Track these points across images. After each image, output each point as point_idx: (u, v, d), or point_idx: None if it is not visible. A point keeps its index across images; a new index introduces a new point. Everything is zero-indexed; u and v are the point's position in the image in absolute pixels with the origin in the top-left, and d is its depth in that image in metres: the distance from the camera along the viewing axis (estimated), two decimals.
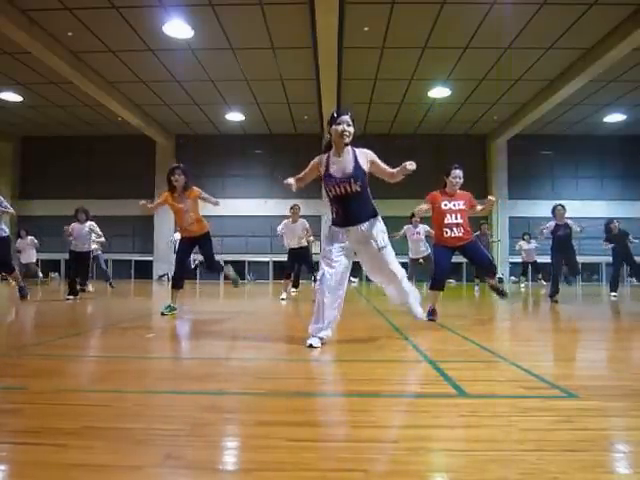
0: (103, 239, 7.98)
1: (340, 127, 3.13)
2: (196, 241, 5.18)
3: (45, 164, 15.09)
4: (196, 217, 5.10)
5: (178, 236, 10.87)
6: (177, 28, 8.49)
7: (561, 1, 7.60)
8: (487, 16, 8.02)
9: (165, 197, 5.12)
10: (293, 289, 8.23)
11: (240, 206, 15.02)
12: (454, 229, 4.61)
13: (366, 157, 3.23)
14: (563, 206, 7.16)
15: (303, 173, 3.42)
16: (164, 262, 14.73)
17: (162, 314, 4.93)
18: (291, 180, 3.31)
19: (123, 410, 1.85)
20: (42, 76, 10.50)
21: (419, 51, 9.43)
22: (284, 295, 7.42)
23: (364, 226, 3.19)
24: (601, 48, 8.82)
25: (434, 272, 4.96)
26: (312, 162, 3.37)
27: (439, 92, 11.53)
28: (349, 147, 3.23)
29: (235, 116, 13.42)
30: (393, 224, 10.42)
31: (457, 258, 5.05)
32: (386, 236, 3.27)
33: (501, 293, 5.09)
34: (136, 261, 14.95)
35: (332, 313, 3.19)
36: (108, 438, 1.54)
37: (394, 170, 3.22)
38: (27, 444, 1.50)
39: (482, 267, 5.19)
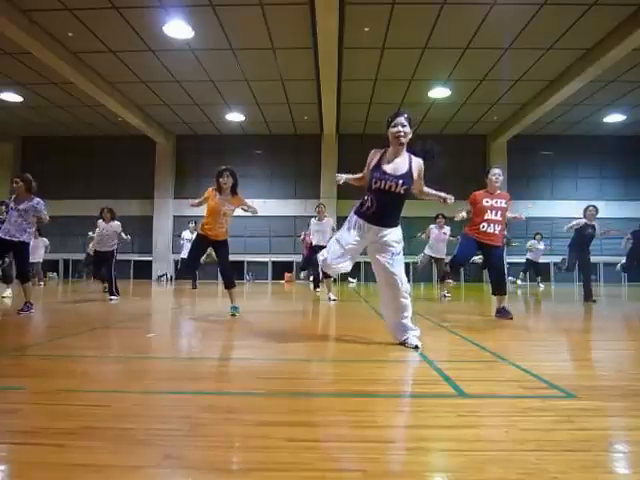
0: (128, 237, 8.14)
1: (394, 129, 3.19)
2: (213, 243, 5.19)
3: (45, 164, 15.05)
4: (225, 224, 5.15)
5: (188, 235, 10.87)
6: (177, 28, 8.49)
7: (561, 1, 7.59)
8: (487, 16, 8.02)
9: (209, 193, 5.15)
10: (317, 289, 8.36)
11: None
12: (492, 225, 4.73)
13: (418, 168, 3.28)
14: (595, 207, 7.13)
15: (363, 173, 3.42)
16: (163, 262, 14.74)
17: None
18: (343, 176, 3.54)
19: (123, 410, 1.85)
20: (42, 76, 10.49)
21: (419, 51, 9.42)
22: (332, 295, 7.06)
23: (386, 231, 3.23)
24: (601, 48, 8.82)
25: (456, 251, 5.11)
26: (370, 155, 3.40)
27: (439, 92, 11.51)
28: (406, 152, 3.27)
29: (235, 116, 13.41)
30: (415, 224, 10.41)
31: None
32: (401, 246, 3.29)
33: (506, 315, 4.90)
34: (135, 261, 14.93)
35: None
36: (107, 438, 1.54)
37: (427, 190, 3.48)
38: (26, 444, 1.50)
39: (493, 278, 5.04)
